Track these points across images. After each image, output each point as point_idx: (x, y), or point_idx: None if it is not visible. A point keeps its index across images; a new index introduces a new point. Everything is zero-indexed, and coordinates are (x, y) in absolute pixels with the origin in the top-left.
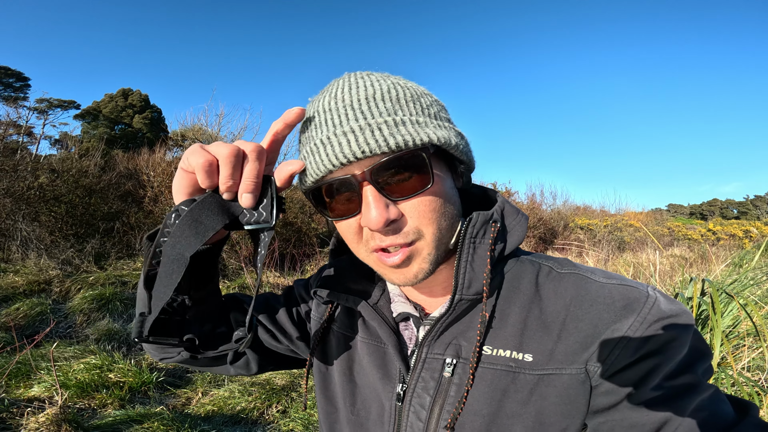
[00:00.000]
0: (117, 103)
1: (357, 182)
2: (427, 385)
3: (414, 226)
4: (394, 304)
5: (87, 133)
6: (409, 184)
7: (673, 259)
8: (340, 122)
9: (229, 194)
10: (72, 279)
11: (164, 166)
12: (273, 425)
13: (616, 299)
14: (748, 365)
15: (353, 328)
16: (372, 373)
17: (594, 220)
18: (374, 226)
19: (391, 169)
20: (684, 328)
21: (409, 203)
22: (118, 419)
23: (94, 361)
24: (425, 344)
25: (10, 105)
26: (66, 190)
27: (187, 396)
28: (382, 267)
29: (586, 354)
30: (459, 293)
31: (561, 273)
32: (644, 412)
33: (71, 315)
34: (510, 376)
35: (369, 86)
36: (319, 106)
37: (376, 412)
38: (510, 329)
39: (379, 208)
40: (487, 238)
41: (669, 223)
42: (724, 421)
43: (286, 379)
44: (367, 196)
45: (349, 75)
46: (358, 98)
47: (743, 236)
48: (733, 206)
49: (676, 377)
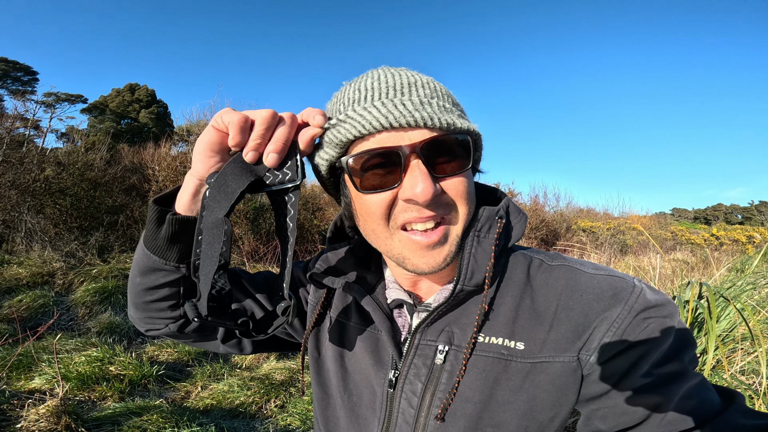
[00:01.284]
0: (124, 97)
1: (404, 154)
2: (419, 372)
3: (451, 203)
4: (389, 291)
5: (93, 127)
6: (452, 164)
7: (674, 263)
8: (394, 94)
9: (254, 154)
10: (75, 271)
11: (169, 160)
12: (271, 420)
13: (605, 289)
14: (743, 369)
15: (348, 314)
16: (364, 359)
17: (597, 223)
18: (422, 197)
19: (440, 147)
20: (669, 317)
21: (448, 181)
22: (117, 411)
23: (95, 353)
24: (419, 330)
25: (18, 99)
26: (71, 182)
27: (187, 389)
28: (408, 248)
29: (578, 342)
30: (461, 284)
31: (552, 265)
32: (634, 398)
33: (73, 307)
34: (502, 363)
35: (410, 75)
36: (360, 85)
37: (368, 399)
38: (502, 318)
39: (427, 181)
40: (492, 233)
41: (672, 227)
42: (711, 408)
43: (285, 375)
44: (414, 169)
45: (384, 67)
46: (401, 83)
47: (746, 241)
48: (737, 211)
49: (664, 365)
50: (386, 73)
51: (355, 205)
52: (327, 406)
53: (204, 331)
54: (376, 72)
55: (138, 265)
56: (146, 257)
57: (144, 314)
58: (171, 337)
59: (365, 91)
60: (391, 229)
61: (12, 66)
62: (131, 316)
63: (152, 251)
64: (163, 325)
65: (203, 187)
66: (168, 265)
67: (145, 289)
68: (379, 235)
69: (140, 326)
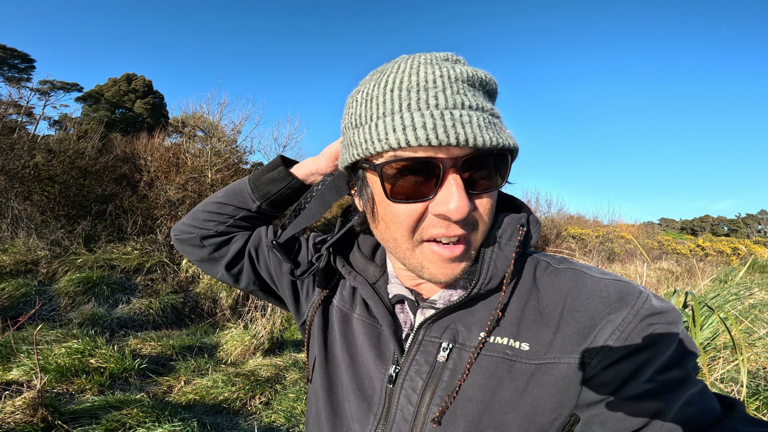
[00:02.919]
0: (120, 87)
1: (444, 167)
2: (421, 369)
3: (478, 220)
4: (391, 286)
5: (87, 115)
6: (487, 181)
7: (660, 272)
8: (435, 102)
9: None
10: (60, 260)
11: (162, 151)
12: (255, 416)
13: (612, 293)
14: (723, 377)
15: (353, 305)
16: (366, 352)
17: (586, 230)
18: (456, 214)
19: (479, 164)
20: (674, 324)
21: (480, 199)
22: (96, 405)
23: (75, 345)
24: (423, 326)
25: (13, 85)
26: (61, 170)
27: (169, 384)
28: (430, 259)
29: (583, 345)
30: (478, 288)
31: (558, 268)
32: (635, 404)
33: (56, 297)
34: (506, 364)
35: (451, 68)
36: (398, 82)
37: (367, 392)
38: (508, 318)
39: (464, 199)
40: (514, 241)
41: (659, 237)
42: (712, 415)
43: (271, 371)
44: (451, 184)
45: (427, 56)
46: (442, 77)
47: (731, 253)
48: (724, 223)
49: (667, 371)
50: (424, 65)
51: (377, 209)
52: (334, 393)
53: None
54: (410, 62)
55: (228, 189)
56: (241, 184)
57: (198, 222)
58: (195, 242)
59: (402, 89)
60: (415, 242)
61: (10, 53)
62: (175, 229)
63: (250, 182)
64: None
65: (316, 175)
66: (251, 195)
67: (219, 203)
68: (400, 245)
69: (185, 231)
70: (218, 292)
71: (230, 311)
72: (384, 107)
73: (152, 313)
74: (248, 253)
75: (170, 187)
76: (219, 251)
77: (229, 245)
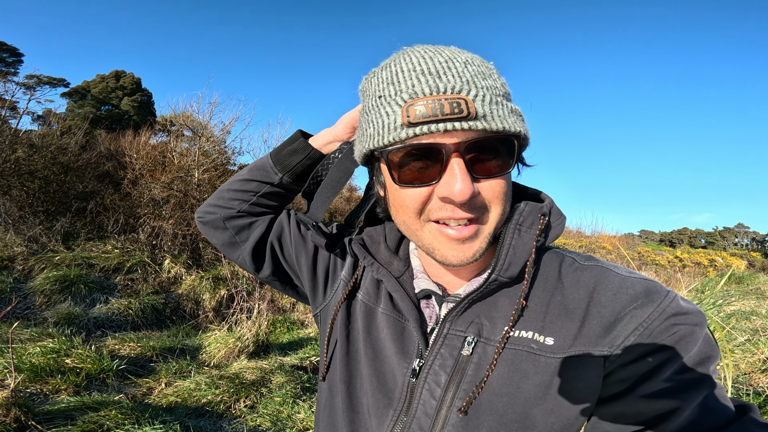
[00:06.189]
0: (108, 84)
1: (446, 152)
2: (445, 363)
3: (485, 204)
4: (417, 281)
5: (72, 111)
6: (492, 165)
7: None
8: (436, 87)
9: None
10: (37, 257)
11: (148, 149)
12: (240, 420)
13: (638, 290)
14: None
15: (377, 299)
16: (389, 346)
17: (570, 240)
18: (458, 197)
19: (483, 148)
20: (698, 326)
21: (487, 183)
22: (72, 406)
23: (51, 344)
24: (448, 320)
25: None
26: (42, 165)
27: (149, 386)
28: (438, 239)
29: (608, 339)
30: (496, 273)
31: (584, 265)
32: (652, 402)
33: (31, 295)
34: (531, 358)
35: (457, 54)
36: (405, 65)
37: (388, 386)
38: (533, 312)
39: (467, 182)
40: (534, 229)
41: (639, 248)
42: (725, 417)
43: (256, 375)
44: (454, 168)
45: (433, 49)
46: (447, 65)
47: (708, 265)
48: (702, 236)
49: (687, 372)
50: (430, 53)
51: (389, 196)
52: (353, 388)
53: (243, 233)
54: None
55: (250, 166)
56: (263, 159)
57: (223, 201)
58: (218, 224)
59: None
60: (422, 221)
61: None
62: (200, 210)
63: (272, 156)
64: (235, 208)
65: (334, 143)
66: (273, 168)
67: (244, 180)
68: (410, 226)
69: (209, 212)
70: (201, 294)
71: (213, 313)
72: (394, 95)
73: (131, 314)
74: (270, 244)
75: (155, 186)
76: (240, 235)
77: (250, 230)
